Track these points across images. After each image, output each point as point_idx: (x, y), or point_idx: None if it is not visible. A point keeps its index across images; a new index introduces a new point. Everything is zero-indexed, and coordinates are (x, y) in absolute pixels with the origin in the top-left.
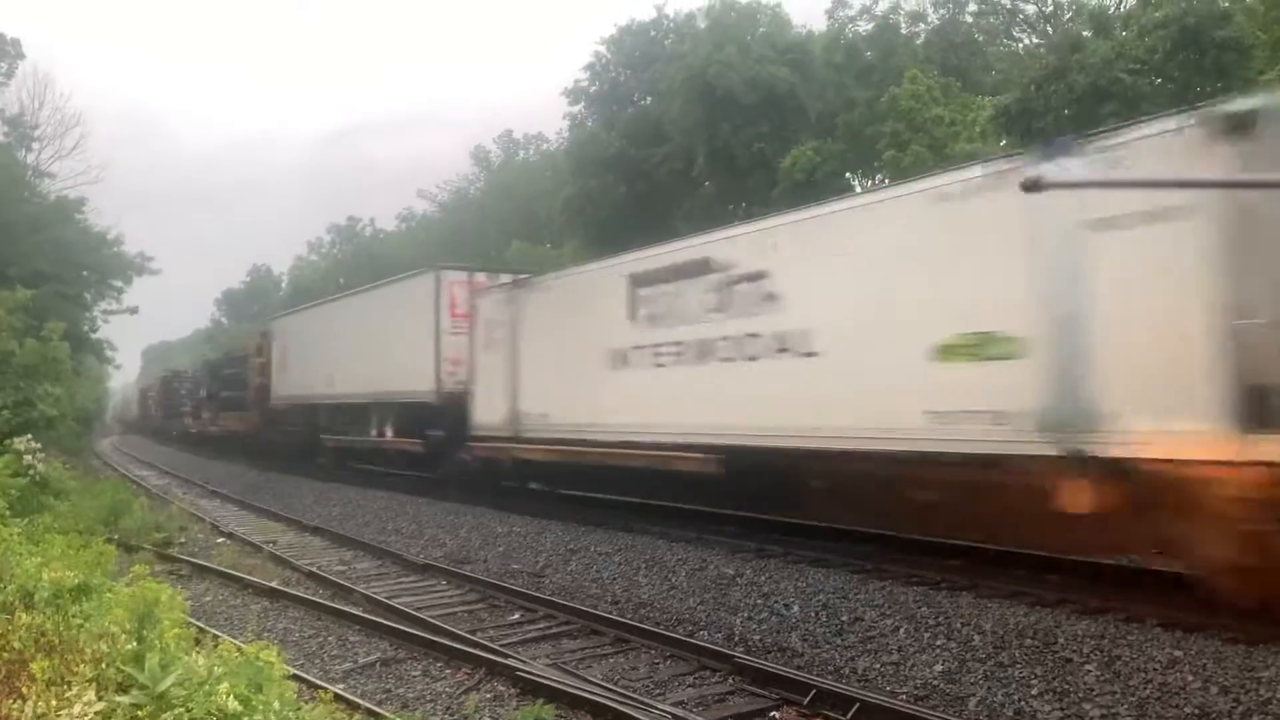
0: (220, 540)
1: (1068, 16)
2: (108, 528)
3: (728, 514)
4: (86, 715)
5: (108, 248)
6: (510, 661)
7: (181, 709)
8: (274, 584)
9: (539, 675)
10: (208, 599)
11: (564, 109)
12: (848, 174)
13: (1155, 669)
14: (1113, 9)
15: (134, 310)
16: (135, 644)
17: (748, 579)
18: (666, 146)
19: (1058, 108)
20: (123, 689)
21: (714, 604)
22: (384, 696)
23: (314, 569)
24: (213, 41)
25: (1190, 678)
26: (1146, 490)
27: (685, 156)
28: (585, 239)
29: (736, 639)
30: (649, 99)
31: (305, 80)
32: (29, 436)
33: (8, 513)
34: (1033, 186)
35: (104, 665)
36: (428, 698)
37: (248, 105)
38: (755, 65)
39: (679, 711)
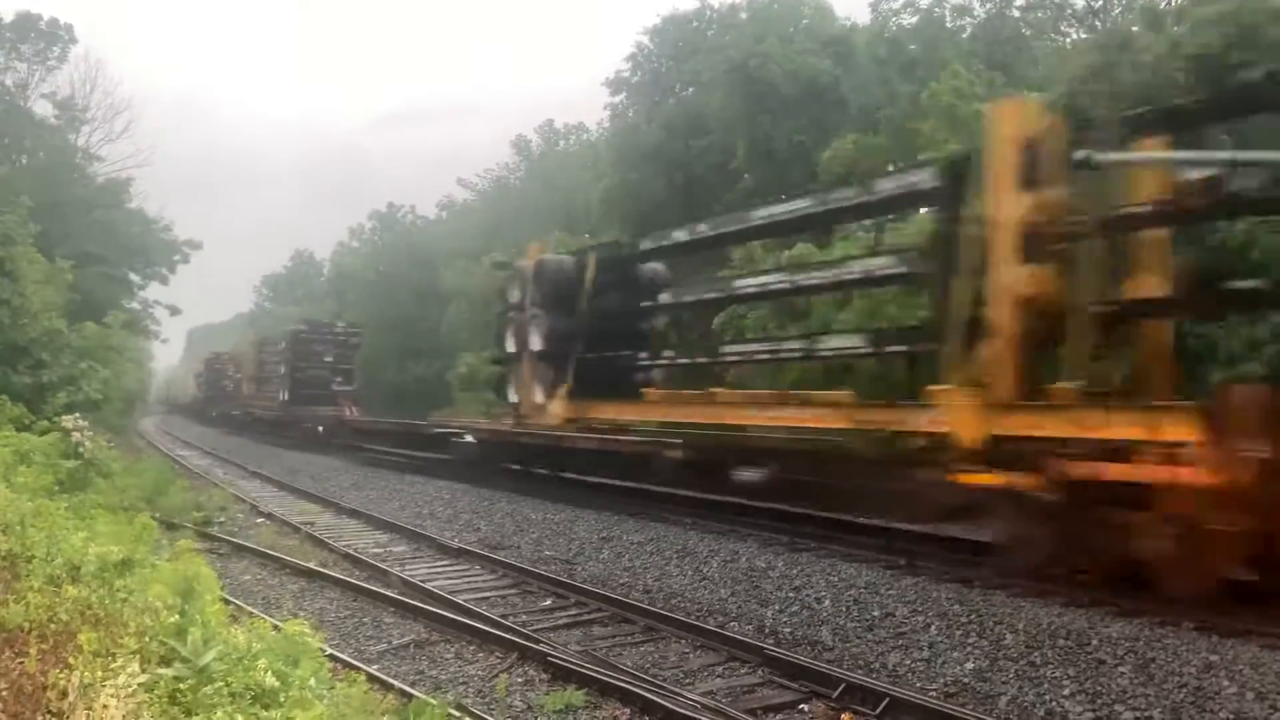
0: (259, 520)
1: (1116, 11)
2: (150, 505)
3: (761, 506)
4: (131, 686)
5: (156, 232)
6: (541, 647)
7: (222, 683)
8: (311, 564)
9: (570, 661)
10: (246, 578)
11: (605, 99)
12: (889, 168)
13: (1190, 673)
14: (1164, 4)
15: (176, 311)
16: (178, 618)
17: (780, 572)
18: (706, 138)
19: (1103, 105)
20: (165, 662)
21: (745, 596)
22: (417, 678)
23: (351, 551)
24: (258, 26)
25: (1226, 683)
26: None
27: (725, 148)
28: (623, 231)
29: (767, 631)
30: (690, 90)
31: (349, 68)
32: (77, 415)
33: (56, 489)
34: (1083, 164)
35: (147, 639)
36: (460, 680)
37: (291, 92)
38: (797, 57)
39: (708, 701)
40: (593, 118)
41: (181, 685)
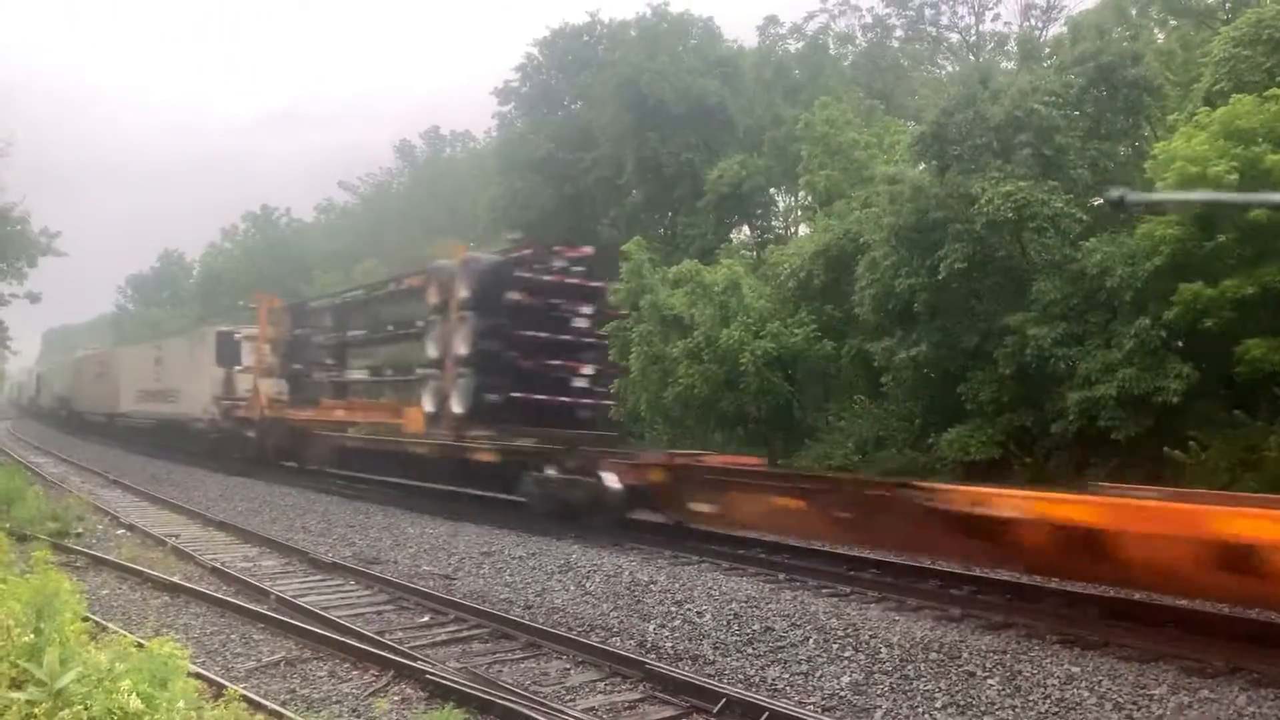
0: (120, 532)
1: (990, 46)
2: None
3: (644, 520)
4: None
5: (10, 225)
6: (419, 664)
7: (81, 706)
8: (175, 579)
9: (448, 678)
10: (105, 592)
11: (493, 108)
12: (772, 189)
13: (1054, 684)
14: (1040, 37)
15: (36, 298)
16: (33, 638)
17: (662, 586)
18: (595, 152)
19: (973, 135)
20: (18, 685)
21: (627, 610)
22: (289, 697)
23: (218, 565)
24: (144, 10)
25: (1086, 694)
26: None
27: (614, 163)
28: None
29: (649, 646)
30: (579, 103)
31: (238, 62)
32: None
33: None
34: (1117, 205)
35: None
36: (334, 699)
37: (175, 85)
38: (686, 76)
39: (590, 718)
40: (481, 127)
41: (36, 710)
